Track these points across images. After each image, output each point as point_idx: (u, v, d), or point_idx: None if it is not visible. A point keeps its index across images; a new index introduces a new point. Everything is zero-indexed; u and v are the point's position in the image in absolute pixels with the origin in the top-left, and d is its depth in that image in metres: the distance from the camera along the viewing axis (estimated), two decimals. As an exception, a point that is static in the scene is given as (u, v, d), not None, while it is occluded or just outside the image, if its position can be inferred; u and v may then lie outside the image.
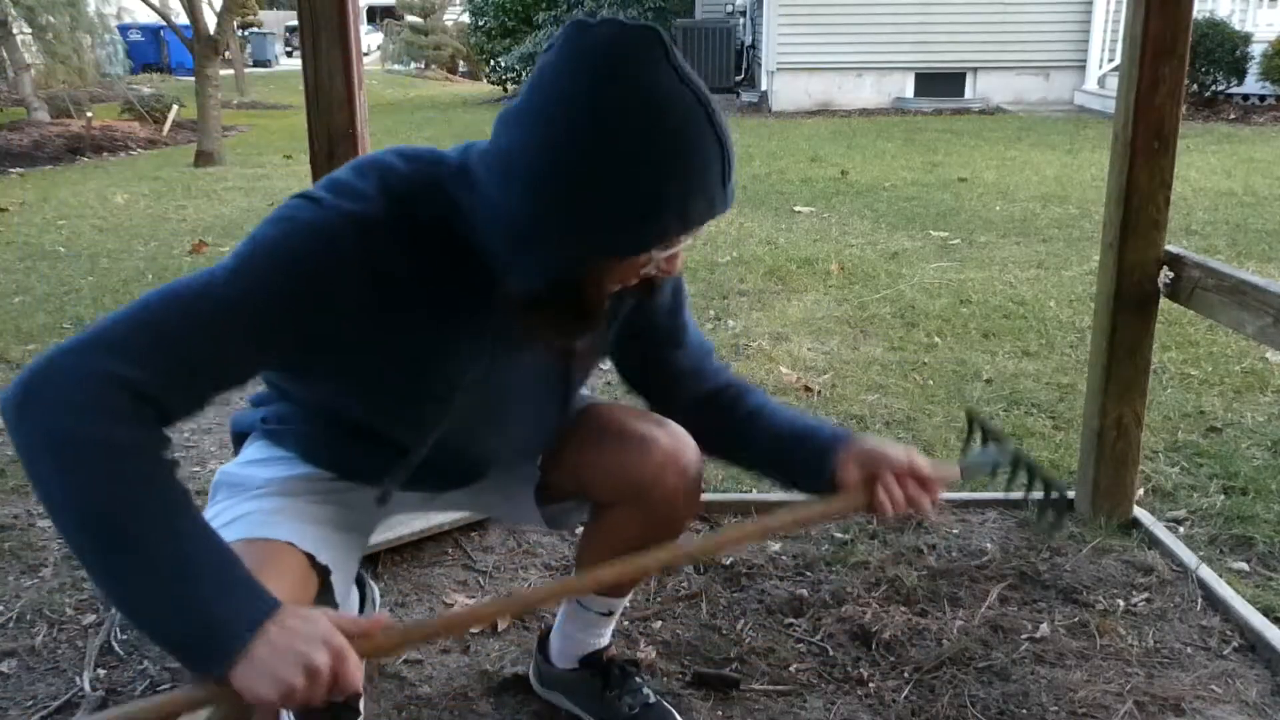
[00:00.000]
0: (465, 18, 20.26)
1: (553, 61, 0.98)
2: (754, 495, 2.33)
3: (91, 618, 1.91)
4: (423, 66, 23.02)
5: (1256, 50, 9.85)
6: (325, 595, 1.20)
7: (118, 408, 0.94)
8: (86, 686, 1.70)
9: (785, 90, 11.96)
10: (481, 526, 2.15)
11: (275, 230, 1.05)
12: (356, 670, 0.96)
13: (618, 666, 1.58)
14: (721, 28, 13.53)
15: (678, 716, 1.55)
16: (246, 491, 1.25)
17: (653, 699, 1.56)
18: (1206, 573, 1.92)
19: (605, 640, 1.59)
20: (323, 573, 1.19)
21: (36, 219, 6.12)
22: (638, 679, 1.58)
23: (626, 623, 1.83)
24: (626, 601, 1.64)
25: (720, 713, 1.60)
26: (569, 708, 1.60)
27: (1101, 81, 11.46)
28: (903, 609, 1.84)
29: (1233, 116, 9.83)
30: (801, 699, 1.62)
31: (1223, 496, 2.34)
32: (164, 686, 1.71)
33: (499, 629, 1.80)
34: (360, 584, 1.60)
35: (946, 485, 1.28)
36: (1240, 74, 10.06)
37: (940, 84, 12.02)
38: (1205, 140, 8.37)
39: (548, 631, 1.63)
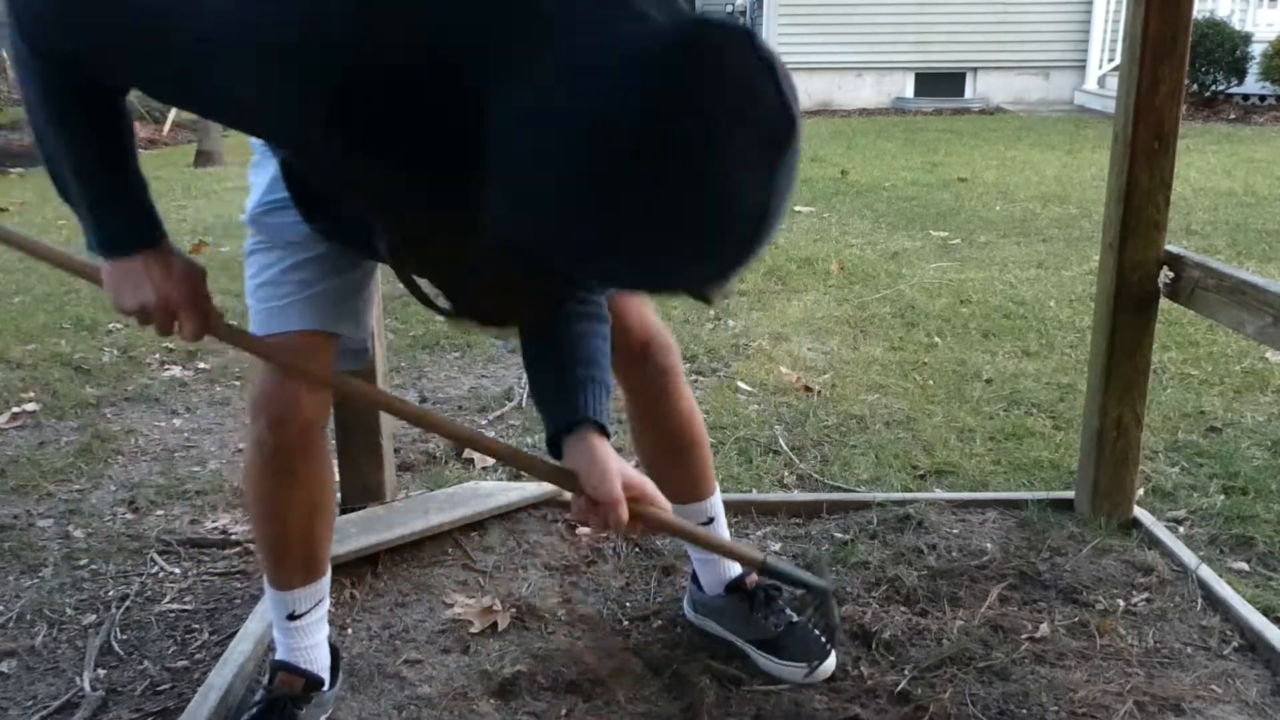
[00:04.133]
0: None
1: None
2: (754, 496, 2.33)
3: (91, 618, 1.91)
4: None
5: (1256, 50, 9.86)
6: (342, 348, 1.45)
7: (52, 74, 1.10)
8: (86, 686, 1.70)
9: (785, 90, 11.94)
10: (481, 526, 2.15)
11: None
12: (191, 324, 1.26)
13: (761, 590, 1.76)
14: (721, 28, 13.51)
15: (817, 634, 1.66)
16: (264, 248, 1.44)
17: (795, 619, 1.72)
18: (1206, 573, 1.92)
19: (738, 568, 1.76)
20: (333, 335, 1.42)
21: (36, 219, 6.12)
22: (779, 601, 1.75)
23: (626, 622, 1.83)
24: (717, 500, 1.77)
25: (724, 710, 1.60)
26: (719, 632, 1.77)
27: (1101, 81, 11.45)
28: (903, 609, 1.84)
29: (1233, 116, 9.83)
30: (802, 697, 1.62)
31: (1223, 496, 2.34)
32: (164, 687, 1.71)
33: (499, 629, 1.81)
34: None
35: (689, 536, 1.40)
36: (1240, 74, 10.06)
37: (940, 84, 12.01)
38: (1205, 140, 8.37)
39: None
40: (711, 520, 1.76)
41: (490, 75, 0.80)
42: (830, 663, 1.67)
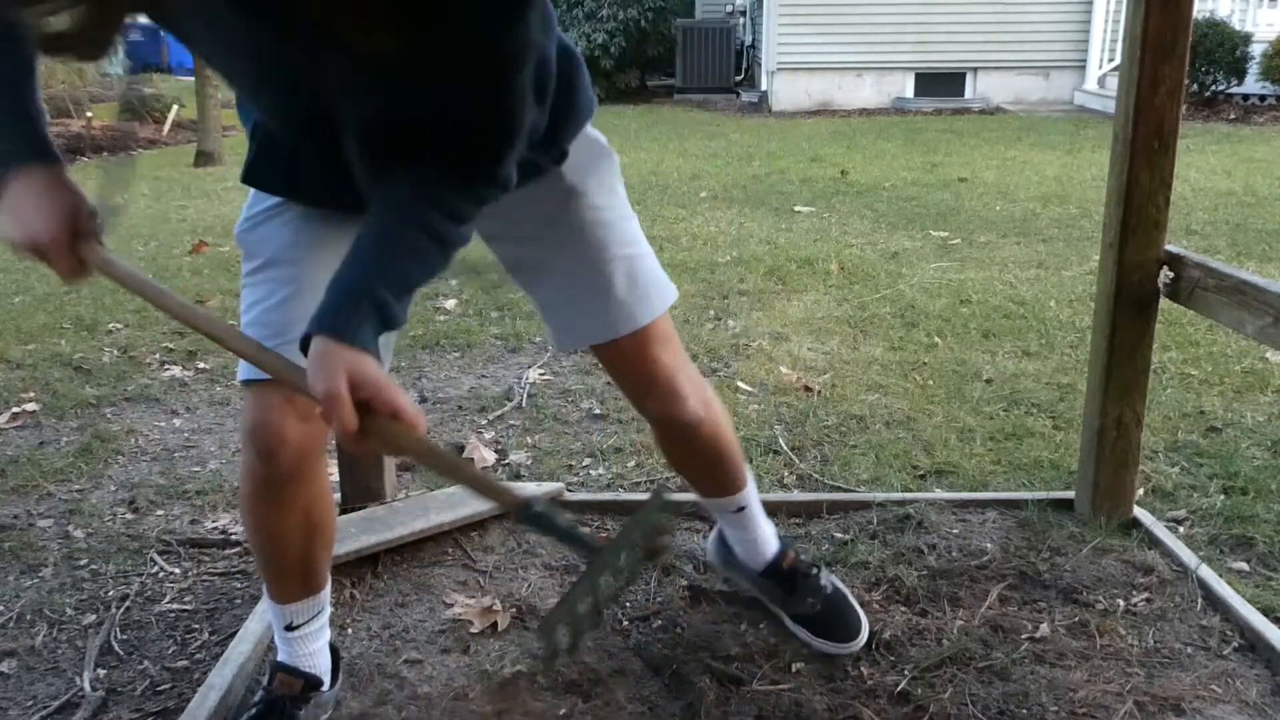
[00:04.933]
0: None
1: None
2: (754, 495, 2.33)
3: (91, 618, 1.91)
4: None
5: (1256, 50, 9.87)
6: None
7: None
8: (86, 687, 1.70)
9: (785, 90, 11.96)
10: (482, 527, 2.15)
11: None
12: (63, 265, 1.17)
13: (800, 574, 1.78)
14: (721, 28, 13.53)
15: (854, 605, 1.77)
16: (255, 280, 1.36)
17: (830, 589, 1.78)
18: (1206, 572, 1.92)
19: (774, 547, 1.80)
20: None
21: (36, 219, 6.11)
22: (815, 579, 1.78)
23: (626, 622, 1.83)
24: (751, 491, 1.76)
25: (724, 709, 1.60)
26: (747, 591, 1.85)
27: (1101, 81, 11.46)
28: (903, 609, 1.84)
29: (1233, 116, 9.84)
30: (803, 697, 1.62)
31: (1223, 496, 2.34)
32: (164, 687, 1.71)
33: (499, 629, 1.81)
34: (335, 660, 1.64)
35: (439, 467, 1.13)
36: (1240, 74, 10.07)
37: (940, 84, 12.02)
38: (1205, 140, 8.37)
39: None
40: (743, 509, 1.76)
41: None
42: (865, 630, 1.75)
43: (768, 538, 1.80)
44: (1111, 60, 11.23)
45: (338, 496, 2.22)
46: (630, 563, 1.07)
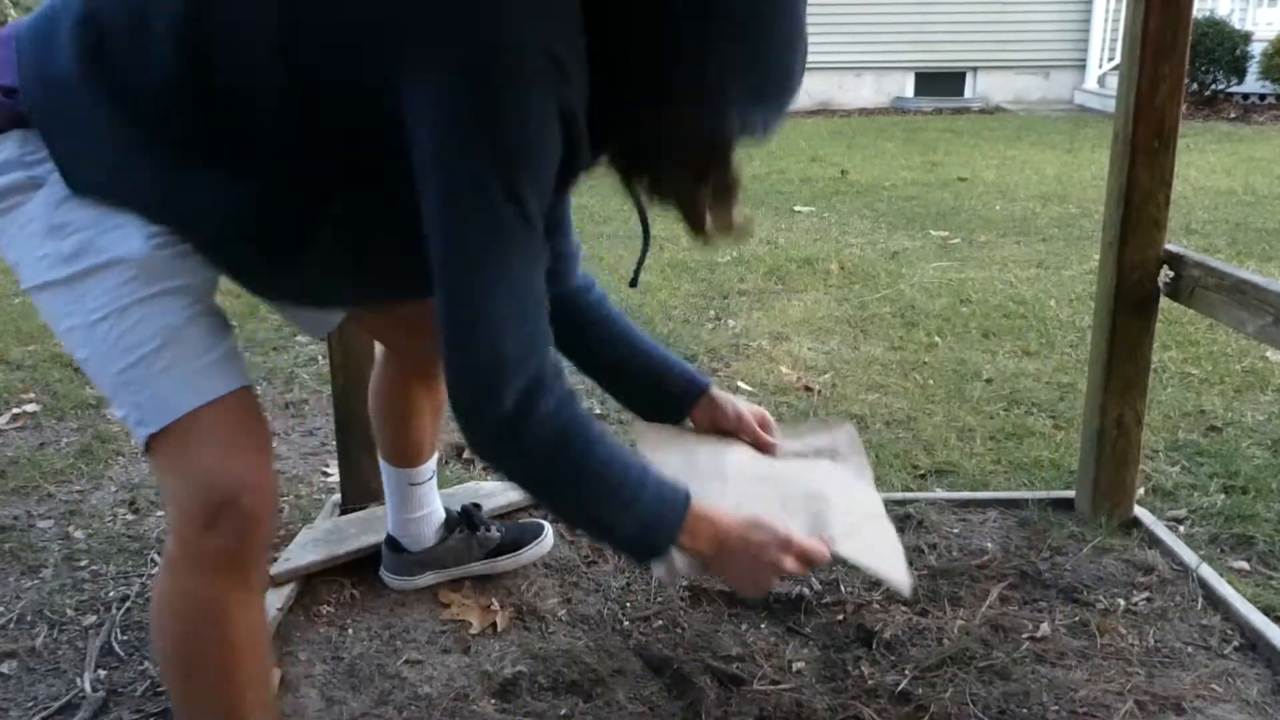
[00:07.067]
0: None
1: None
2: (754, 495, 2.33)
3: (92, 619, 1.91)
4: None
5: (1256, 49, 9.86)
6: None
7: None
8: (87, 687, 1.70)
9: (785, 90, 11.94)
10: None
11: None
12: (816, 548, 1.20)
13: (469, 509, 1.92)
14: (721, 27, 13.52)
15: (541, 523, 1.97)
16: (158, 295, 1.11)
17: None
18: (1207, 572, 1.92)
19: (441, 507, 1.92)
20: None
21: (36, 220, 6.12)
22: (474, 508, 1.94)
23: (627, 622, 1.83)
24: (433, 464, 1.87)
25: (724, 709, 1.60)
26: (445, 576, 1.91)
27: (1101, 80, 11.45)
28: (903, 608, 1.84)
29: (1233, 115, 9.83)
30: (804, 697, 1.62)
31: (1223, 495, 2.34)
32: (165, 688, 1.71)
33: (499, 629, 1.81)
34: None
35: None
36: (1240, 73, 10.07)
37: (940, 83, 12.01)
38: (1205, 139, 8.36)
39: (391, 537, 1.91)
40: (431, 479, 1.89)
41: None
42: (550, 532, 1.97)
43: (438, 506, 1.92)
44: (1111, 59, 11.22)
45: (337, 497, 2.22)
46: None
